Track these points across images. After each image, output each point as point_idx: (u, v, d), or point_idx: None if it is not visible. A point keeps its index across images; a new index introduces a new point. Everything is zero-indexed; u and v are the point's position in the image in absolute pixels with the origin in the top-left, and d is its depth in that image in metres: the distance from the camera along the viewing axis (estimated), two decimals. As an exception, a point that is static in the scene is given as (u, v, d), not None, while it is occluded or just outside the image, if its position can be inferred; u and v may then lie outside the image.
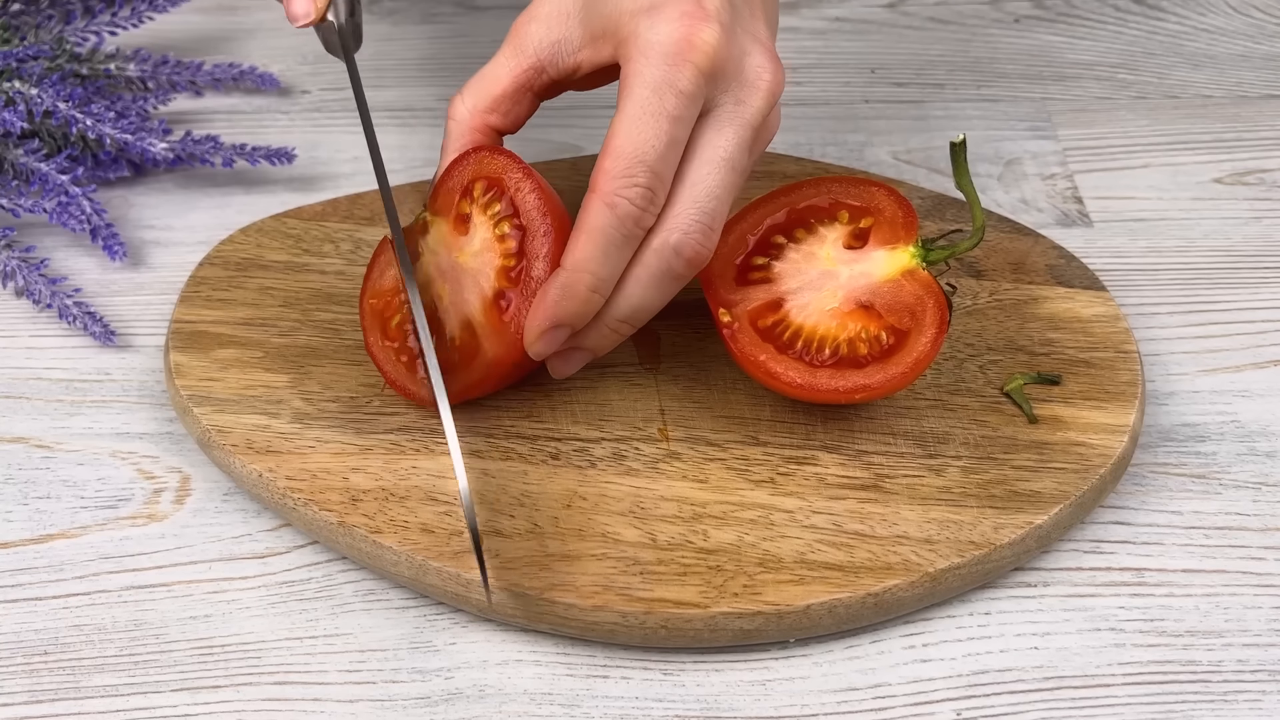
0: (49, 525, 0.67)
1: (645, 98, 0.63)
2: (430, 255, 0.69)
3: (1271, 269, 0.79)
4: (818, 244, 0.68)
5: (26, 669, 0.62)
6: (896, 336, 0.66)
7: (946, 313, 0.66)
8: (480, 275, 0.67)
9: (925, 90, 0.91)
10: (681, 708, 0.61)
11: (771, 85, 0.65)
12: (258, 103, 0.89)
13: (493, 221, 0.68)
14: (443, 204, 0.69)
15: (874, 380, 0.65)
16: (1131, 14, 0.97)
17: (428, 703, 0.61)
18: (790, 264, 0.68)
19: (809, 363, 0.66)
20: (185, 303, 0.73)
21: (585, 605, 0.62)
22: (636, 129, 0.62)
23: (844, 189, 0.69)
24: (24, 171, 0.80)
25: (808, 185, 0.69)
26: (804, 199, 0.69)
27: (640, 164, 0.62)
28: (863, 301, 0.67)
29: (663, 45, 0.63)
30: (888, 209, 0.68)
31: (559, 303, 0.63)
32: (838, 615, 0.62)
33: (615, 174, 0.62)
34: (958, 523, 0.65)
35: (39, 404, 0.72)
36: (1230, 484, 0.69)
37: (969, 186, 0.66)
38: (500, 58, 0.69)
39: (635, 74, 0.63)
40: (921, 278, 0.67)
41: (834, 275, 0.68)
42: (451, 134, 0.70)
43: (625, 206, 0.62)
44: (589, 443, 0.68)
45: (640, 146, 0.62)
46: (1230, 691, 0.62)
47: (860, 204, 0.68)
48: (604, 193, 0.62)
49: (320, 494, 0.65)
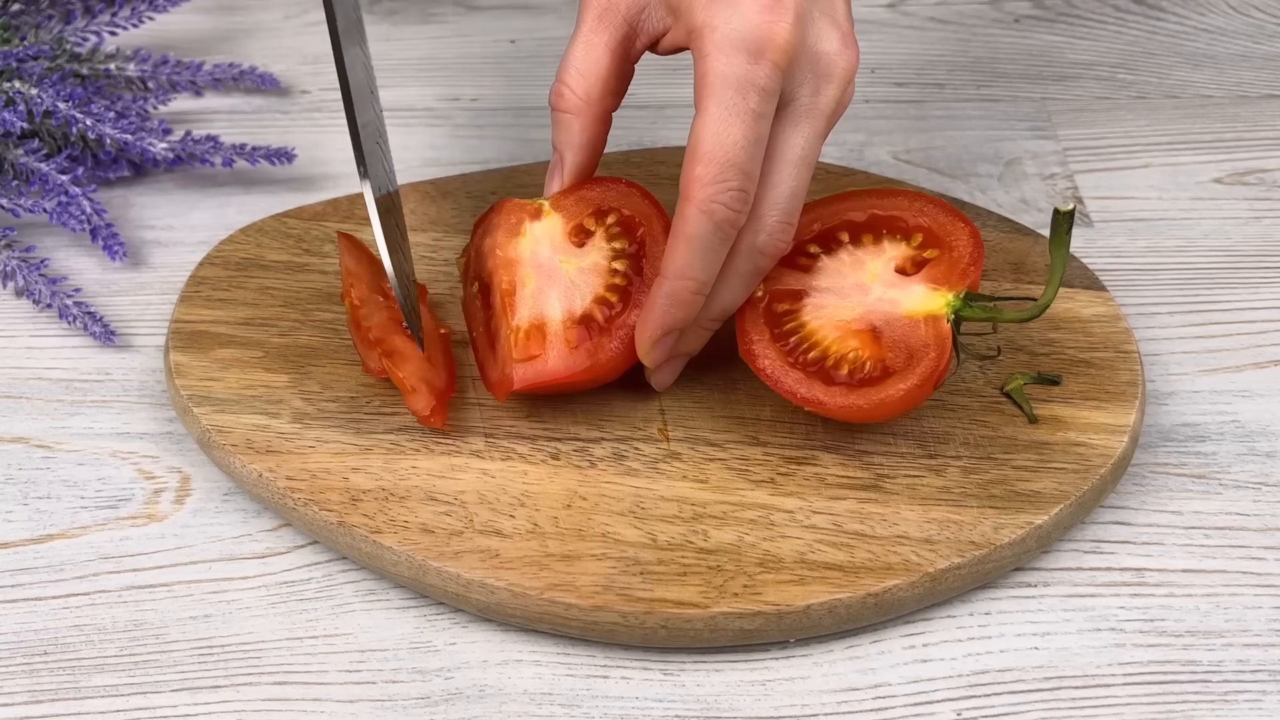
0: (49, 525, 0.67)
1: (728, 99, 0.62)
2: (531, 241, 0.69)
3: (1271, 269, 0.79)
4: (873, 256, 0.68)
5: (26, 669, 0.62)
6: (882, 372, 0.65)
7: (939, 371, 0.64)
8: (576, 291, 0.68)
9: (925, 90, 0.91)
10: (681, 708, 0.61)
11: (846, 71, 0.65)
12: (258, 103, 0.89)
13: (612, 253, 0.69)
14: (569, 207, 0.70)
15: (830, 401, 0.65)
16: (1131, 14, 0.97)
17: (428, 703, 0.61)
18: (836, 263, 0.68)
19: (790, 360, 0.66)
20: (185, 303, 0.73)
21: (585, 605, 0.62)
22: (725, 131, 0.62)
23: (935, 214, 0.68)
24: (24, 171, 0.80)
25: (902, 196, 0.69)
26: (892, 208, 0.69)
27: (732, 167, 0.62)
28: (875, 326, 0.67)
29: (742, 40, 0.62)
30: (959, 250, 0.67)
31: (669, 310, 0.65)
32: (838, 615, 0.62)
33: (708, 180, 0.62)
34: (958, 523, 0.65)
35: (39, 404, 0.72)
36: (1230, 484, 0.69)
37: (1061, 260, 0.64)
38: (589, 35, 0.67)
39: (715, 71, 0.63)
40: (941, 329, 0.65)
41: (866, 290, 0.67)
42: (570, 127, 0.68)
43: (722, 212, 0.63)
44: (589, 443, 0.68)
45: (730, 150, 0.62)
46: (1230, 691, 0.62)
47: (939, 233, 0.67)
48: (700, 200, 0.63)
49: (320, 494, 0.65)
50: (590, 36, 0.67)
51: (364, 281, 0.71)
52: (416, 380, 0.67)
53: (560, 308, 0.68)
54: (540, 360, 0.67)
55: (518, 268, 0.69)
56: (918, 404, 0.65)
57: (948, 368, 0.65)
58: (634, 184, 0.70)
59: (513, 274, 0.69)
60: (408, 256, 0.70)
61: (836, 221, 0.69)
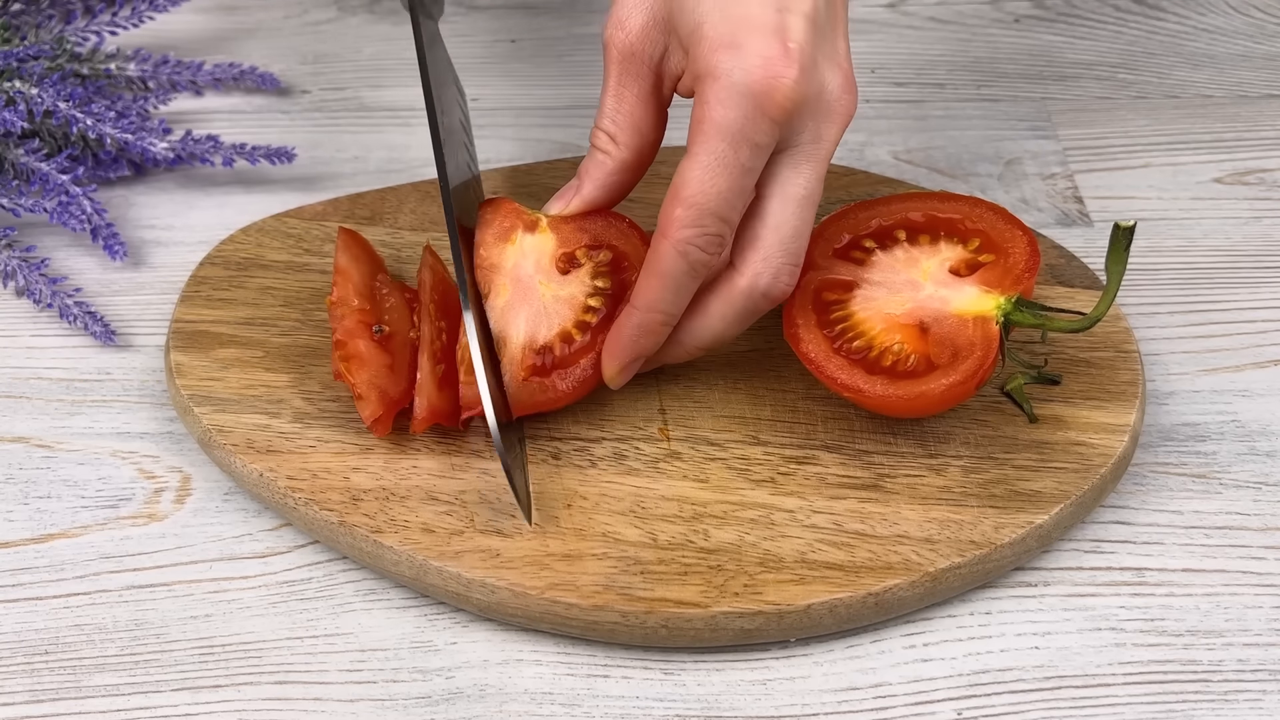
0: (50, 525, 0.67)
1: (720, 150, 0.62)
2: (518, 252, 0.69)
3: (1271, 269, 0.79)
4: (928, 255, 0.68)
5: (27, 668, 0.62)
6: (925, 366, 0.66)
7: (984, 370, 0.64)
8: (544, 318, 0.68)
9: (925, 90, 0.91)
10: (682, 707, 0.61)
11: (846, 114, 0.65)
12: (258, 102, 0.89)
13: (591, 289, 0.69)
14: (566, 232, 0.69)
15: (869, 390, 0.65)
16: (1131, 14, 0.97)
17: (428, 702, 0.61)
18: (890, 259, 0.68)
19: (834, 347, 0.66)
20: (186, 302, 0.73)
21: (586, 605, 0.62)
22: (710, 180, 0.62)
23: (994, 220, 0.68)
24: (24, 171, 0.80)
25: (963, 201, 0.69)
26: (951, 210, 0.69)
27: (712, 215, 0.63)
28: (923, 321, 0.67)
29: (741, 92, 0.62)
30: (1015, 256, 0.67)
31: (637, 340, 0.66)
32: (838, 615, 0.62)
33: (687, 223, 0.63)
34: (958, 522, 0.65)
35: (39, 404, 0.72)
36: (1230, 484, 0.69)
37: (1117, 275, 0.64)
38: (617, 87, 0.67)
39: (711, 119, 0.62)
40: (989, 330, 0.65)
41: (917, 287, 0.67)
42: (602, 165, 0.68)
43: (696, 254, 0.63)
44: (590, 442, 0.68)
45: (713, 199, 0.62)
46: (1231, 691, 0.62)
47: (995, 239, 0.67)
48: (676, 240, 0.63)
49: (321, 493, 0.65)
50: (619, 89, 0.67)
51: (350, 281, 0.71)
52: (368, 387, 0.67)
53: (524, 331, 0.68)
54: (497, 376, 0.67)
55: (495, 275, 0.69)
56: (958, 402, 0.65)
57: (992, 368, 0.65)
58: (636, 226, 0.69)
59: (488, 281, 0.69)
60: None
61: (895, 220, 0.69)
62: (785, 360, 0.71)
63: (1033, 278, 0.66)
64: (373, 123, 0.88)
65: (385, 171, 0.85)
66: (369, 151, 0.86)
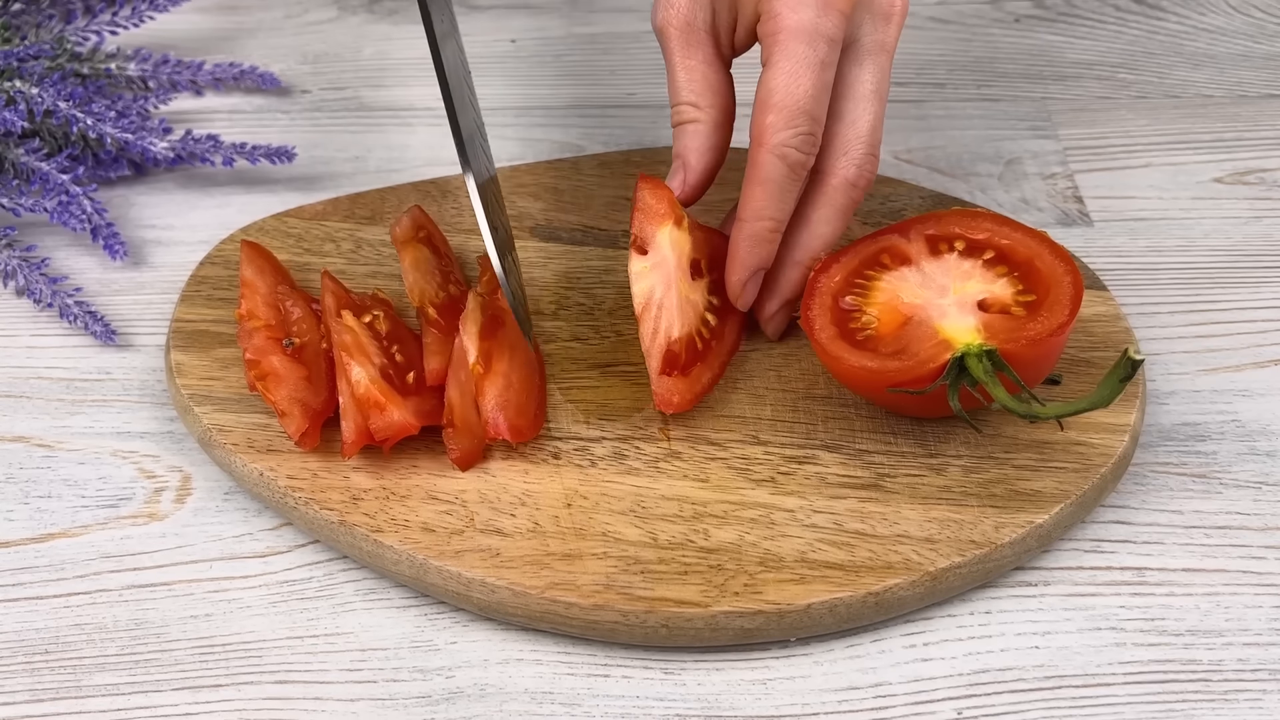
0: (50, 524, 0.67)
1: (799, 51, 0.66)
2: (666, 240, 0.69)
3: (1271, 269, 0.79)
4: (981, 282, 0.67)
5: (28, 668, 0.62)
6: (873, 347, 0.66)
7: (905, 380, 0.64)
8: (679, 314, 0.68)
9: (925, 90, 0.91)
10: (682, 706, 0.61)
11: (901, 10, 0.69)
12: (258, 102, 0.89)
13: (708, 303, 0.71)
14: (698, 239, 0.71)
15: (819, 335, 0.66)
16: (1131, 14, 0.97)
17: (428, 701, 0.61)
18: (955, 263, 0.68)
19: (834, 307, 0.68)
20: (186, 302, 0.73)
21: (586, 604, 0.62)
22: (795, 82, 0.66)
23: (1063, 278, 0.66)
24: (25, 171, 0.80)
25: (1043, 240, 0.68)
26: (1020, 245, 0.68)
27: (802, 114, 0.66)
28: (913, 318, 0.66)
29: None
30: (1035, 328, 0.65)
31: (752, 250, 0.69)
32: (839, 614, 0.62)
33: (780, 126, 0.66)
34: (959, 522, 0.65)
35: (40, 403, 0.72)
36: (1230, 483, 0.69)
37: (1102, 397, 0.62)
38: (682, 59, 0.70)
39: (784, 27, 0.66)
40: (940, 354, 0.64)
41: (943, 293, 0.67)
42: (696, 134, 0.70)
43: (794, 155, 0.67)
44: (590, 442, 0.68)
45: (800, 98, 0.66)
46: (1231, 691, 0.62)
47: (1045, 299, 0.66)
48: (773, 145, 0.67)
49: (321, 493, 0.65)
50: (685, 61, 0.70)
51: (258, 293, 0.71)
52: (289, 403, 0.67)
53: (665, 316, 0.68)
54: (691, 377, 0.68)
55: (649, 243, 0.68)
56: (866, 393, 0.68)
57: (917, 385, 0.64)
58: None
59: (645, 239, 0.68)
60: (512, 250, 0.71)
61: (984, 238, 0.69)
62: (786, 360, 0.71)
63: (1041, 353, 0.65)
64: (373, 122, 0.88)
65: (385, 171, 0.85)
66: (369, 151, 0.86)
